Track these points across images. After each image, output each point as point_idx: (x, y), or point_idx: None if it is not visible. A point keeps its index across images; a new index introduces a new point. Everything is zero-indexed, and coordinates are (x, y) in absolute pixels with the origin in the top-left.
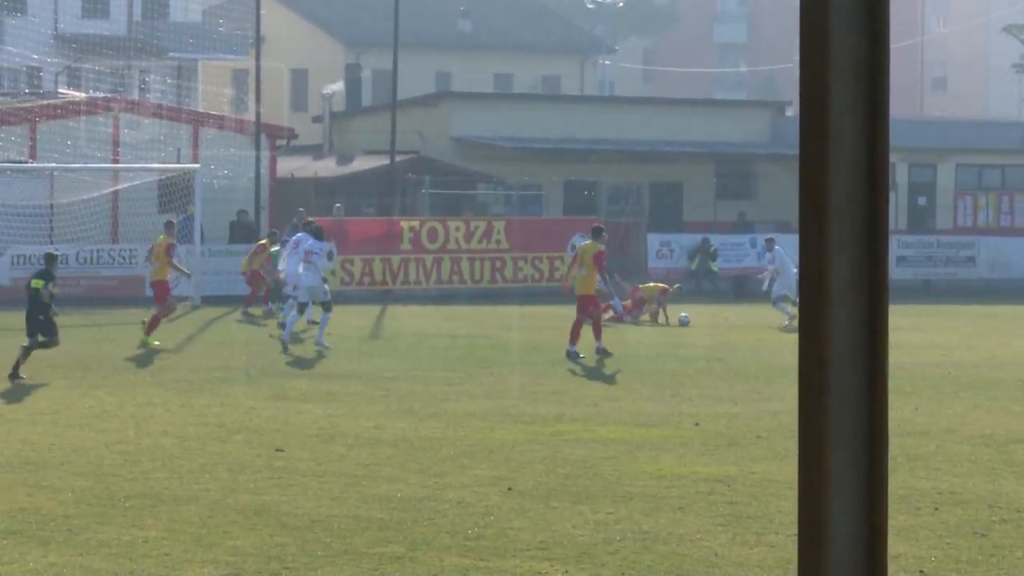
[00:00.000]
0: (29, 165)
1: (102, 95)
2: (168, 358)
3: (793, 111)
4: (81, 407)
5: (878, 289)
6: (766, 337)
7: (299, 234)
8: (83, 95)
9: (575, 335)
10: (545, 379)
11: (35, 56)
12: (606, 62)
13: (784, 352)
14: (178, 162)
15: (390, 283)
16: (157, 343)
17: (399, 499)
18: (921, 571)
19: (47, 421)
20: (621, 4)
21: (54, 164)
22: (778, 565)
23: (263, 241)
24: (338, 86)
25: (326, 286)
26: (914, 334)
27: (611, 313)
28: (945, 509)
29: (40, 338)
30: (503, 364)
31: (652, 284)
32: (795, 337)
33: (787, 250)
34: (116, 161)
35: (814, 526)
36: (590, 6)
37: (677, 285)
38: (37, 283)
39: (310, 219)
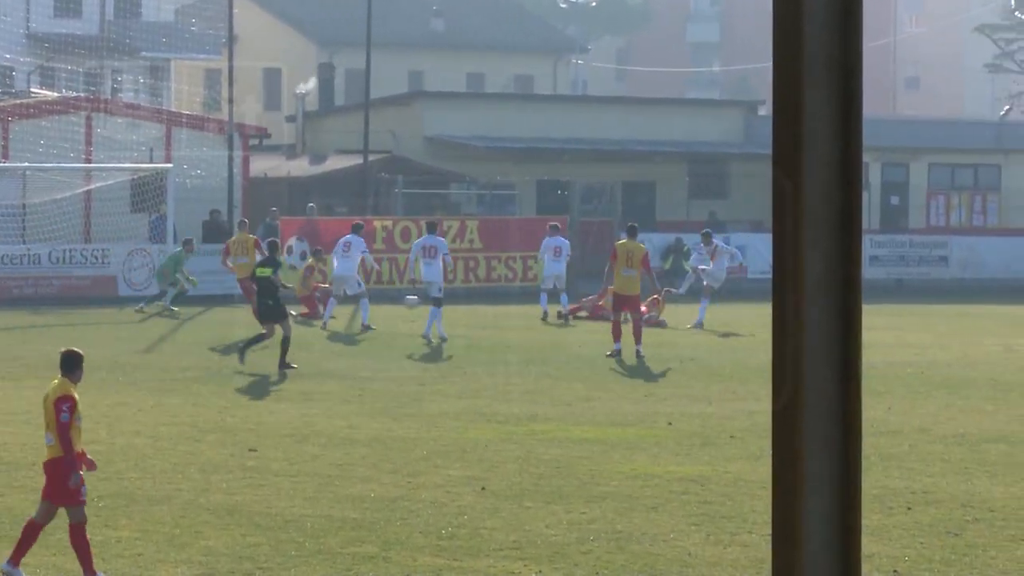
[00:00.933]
0: (1, 165)
1: (74, 95)
2: (143, 357)
3: (766, 110)
4: None
5: (851, 288)
6: (740, 337)
7: (347, 236)
8: (55, 94)
9: (638, 336)
10: (519, 379)
11: (7, 55)
12: (579, 61)
13: (758, 351)
14: (151, 162)
15: (363, 282)
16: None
17: (372, 499)
18: (895, 570)
19: (19, 421)
20: (594, 3)
21: (26, 164)
22: (752, 565)
23: (310, 262)
24: (311, 85)
25: (441, 282)
26: (887, 333)
27: (585, 312)
28: (918, 508)
29: (274, 326)
30: (477, 364)
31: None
32: (769, 336)
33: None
34: (88, 161)
35: (788, 525)
36: (563, 6)
37: (667, 289)
38: (265, 271)
39: (357, 224)
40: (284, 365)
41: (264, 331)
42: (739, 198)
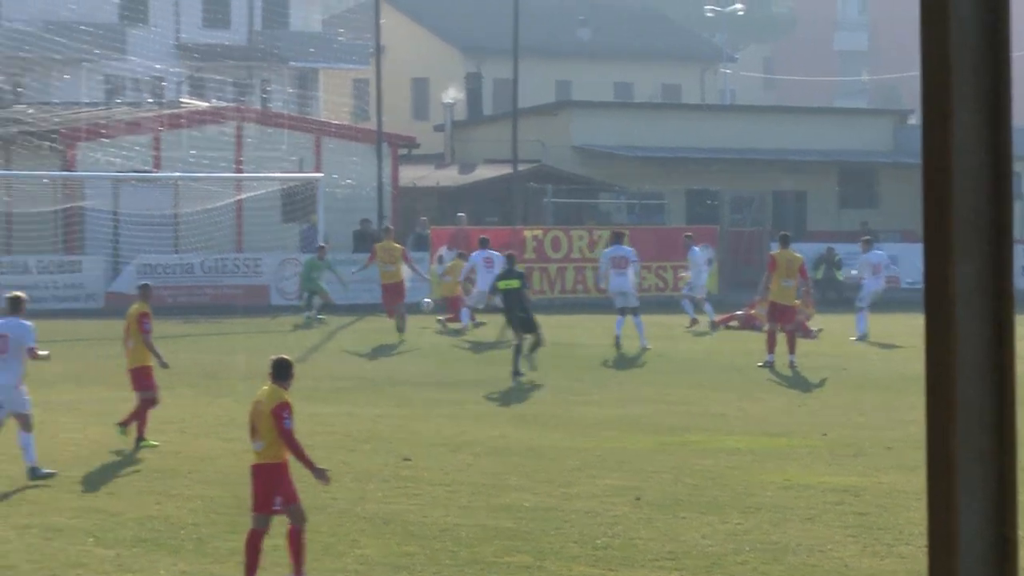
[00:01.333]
0: (153, 175)
1: (224, 104)
2: (295, 367)
3: (916, 120)
4: (208, 416)
5: (1004, 298)
6: (894, 347)
7: (485, 251)
8: (205, 104)
9: (793, 346)
10: (672, 388)
11: (157, 66)
12: (726, 70)
13: (912, 361)
14: (300, 171)
15: None
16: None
17: (526, 508)
18: None
19: (174, 430)
20: (741, 12)
21: (178, 173)
22: None
23: (455, 263)
24: (459, 95)
25: (635, 291)
26: None
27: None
28: None
29: (528, 336)
30: (629, 374)
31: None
32: (922, 346)
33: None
34: (239, 170)
35: (944, 537)
36: (709, 15)
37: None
38: (512, 283)
39: (484, 238)
40: (517, 372)
41: (518, 341)
42: (890, 207)
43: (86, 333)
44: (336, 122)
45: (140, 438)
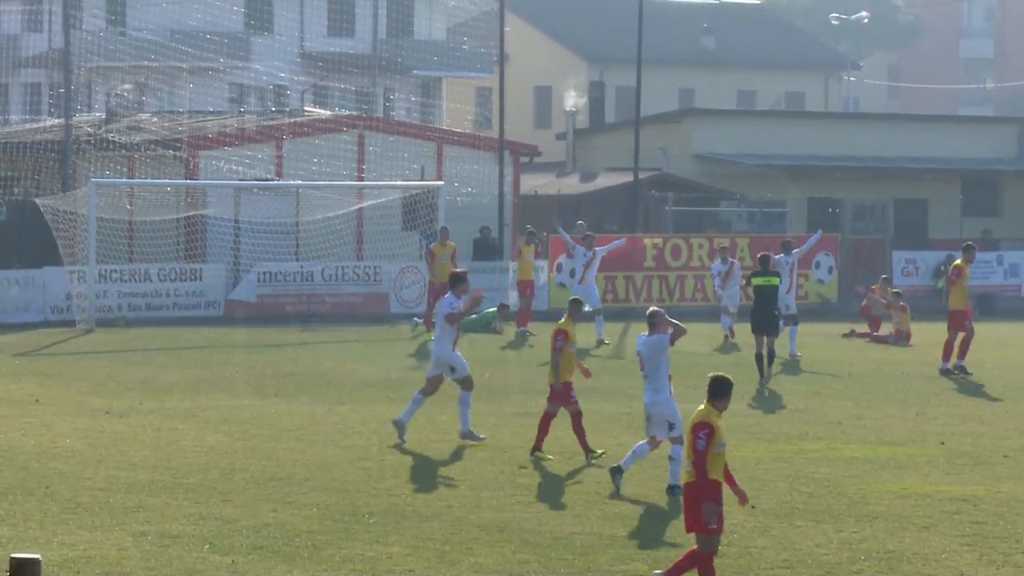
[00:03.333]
0: (275, 182)
1: (347, 112)
2: (414, 374)
3: None
4: (325, 423)
5: None
6: (1013, 355)
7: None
8: (328, 113)
9: (949, 351)
10: (788, 397)
11: (281, 74)
12: (850, 78)
13: None
14: (422, 179)
15: (633, 300)
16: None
17: (641, 517)
18: None
19: (291, 437)
20: (866, 20)
21: (299, 181)
22: None
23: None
24: (581, 103)
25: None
26: None
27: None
28: None
29: (770, 337)
30: (745, 382)
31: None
32: None
33: None
34: (360, 178)
35: None
36: (834, 22)
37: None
38: (772, 280)
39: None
40: (767, 377)
41: (760, 348)
42: (1013, 215)
43: (206, 340)
44: (458, 130)
45: (536, 448)
